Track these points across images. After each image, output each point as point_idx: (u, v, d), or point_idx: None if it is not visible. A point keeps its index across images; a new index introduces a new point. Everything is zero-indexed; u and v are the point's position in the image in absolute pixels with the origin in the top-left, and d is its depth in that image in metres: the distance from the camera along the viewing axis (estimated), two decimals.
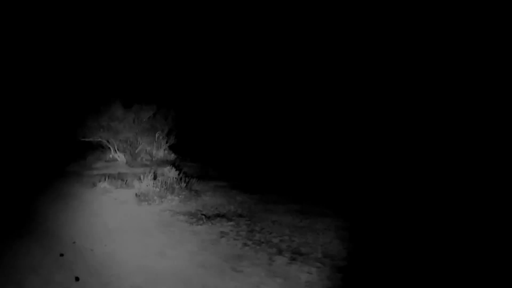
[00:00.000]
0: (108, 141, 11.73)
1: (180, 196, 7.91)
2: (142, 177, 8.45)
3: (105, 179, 8.91)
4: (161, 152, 12.28)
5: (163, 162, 11.33)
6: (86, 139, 11.64)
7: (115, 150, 11.62)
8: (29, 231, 6.26)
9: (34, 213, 7.25)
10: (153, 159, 11.87)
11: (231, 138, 14.69)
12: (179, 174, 8.93)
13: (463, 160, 8.89)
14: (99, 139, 11.74)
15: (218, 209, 7.38)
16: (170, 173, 8.87)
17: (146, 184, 8.12)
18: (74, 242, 5.72)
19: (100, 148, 12.36)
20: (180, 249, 5.44)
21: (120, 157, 11.49)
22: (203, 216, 6.82)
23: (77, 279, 4.50)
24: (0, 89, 13.26)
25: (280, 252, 5.30)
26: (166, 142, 12.49)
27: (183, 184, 8.49)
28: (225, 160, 13.17)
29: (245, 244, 5.55)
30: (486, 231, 6.08)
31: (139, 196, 7.75)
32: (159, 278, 4.60)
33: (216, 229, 6.17)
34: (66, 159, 11.88)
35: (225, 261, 5.01)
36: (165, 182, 8.23)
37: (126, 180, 8.95)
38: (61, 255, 5.26)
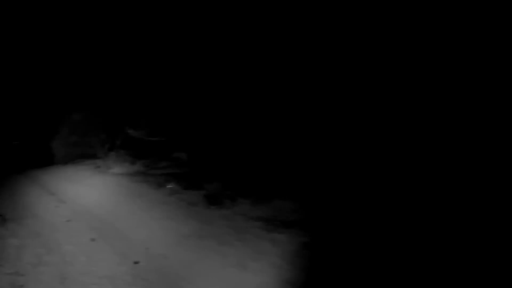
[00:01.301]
0: (172, 139, 11.56)
1: (251, 199, 7.33)
2: (209, 177, 8.03)
3: (171, 179, 8.62)
4: None
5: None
6: (152, 139, 11.57)
7: (180, 149, 11.39)
8: (101, 233, 6.04)
9: (106, 214, 7.09)
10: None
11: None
12: (247, 175, 8.39)
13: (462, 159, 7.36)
14: (163, 138, 11.62)
15: (295, 215, 6.65)
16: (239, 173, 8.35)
17: (215, 185, 7.66)
18: (147, 248, 5.35)
19: (161, 146, 12.26)
20: (262, 261, 4.81)
21: (184, 156, 11.23)
22: (280, 223, 6.15)
23: None
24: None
25: None
26: None
27: (254, 185, 7.92)
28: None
29: (333, 259, 4.79)
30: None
31: (208, 198, 7.30)
32: None
33: (298, 239, 5.47)
34: (131, 157, 11.91)
35: (316, 280, 4.30)
36: (235, 182, 7.71)
37: (194, 181, 8.58)
38: (135, 262, 4.89)
